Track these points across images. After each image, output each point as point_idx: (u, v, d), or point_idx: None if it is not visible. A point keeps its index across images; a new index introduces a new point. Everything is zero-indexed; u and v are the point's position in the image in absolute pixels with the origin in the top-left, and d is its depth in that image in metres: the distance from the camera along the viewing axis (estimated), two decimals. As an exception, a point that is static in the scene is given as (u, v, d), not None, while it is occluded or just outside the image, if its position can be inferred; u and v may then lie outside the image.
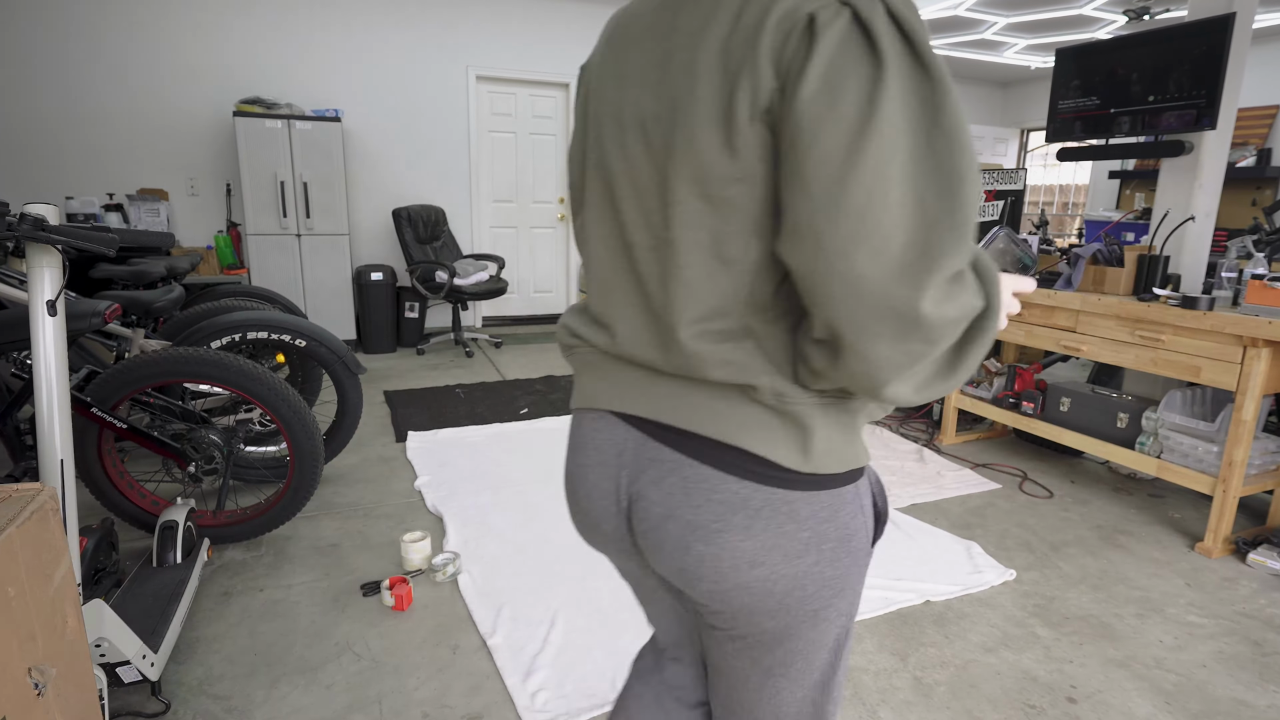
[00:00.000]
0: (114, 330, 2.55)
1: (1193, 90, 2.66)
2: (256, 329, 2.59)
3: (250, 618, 1.97)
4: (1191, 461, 2.55)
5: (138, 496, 2.24)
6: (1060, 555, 2.43)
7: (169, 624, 1.67)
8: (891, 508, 2.73)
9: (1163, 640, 1.96)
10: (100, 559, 1.85)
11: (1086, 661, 1.86)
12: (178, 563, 1.93)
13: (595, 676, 1.73)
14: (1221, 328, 2.32)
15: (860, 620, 2.00)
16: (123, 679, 1.49)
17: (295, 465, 2.27)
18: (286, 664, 1.78)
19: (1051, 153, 7.43)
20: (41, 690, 0.92)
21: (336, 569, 2.23)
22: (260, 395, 2.16)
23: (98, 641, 1.40)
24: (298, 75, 5.24)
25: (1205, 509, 2.81)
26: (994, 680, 1.77)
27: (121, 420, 2.07)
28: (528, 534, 2.45)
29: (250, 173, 4.78)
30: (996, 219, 3.90)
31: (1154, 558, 2.44)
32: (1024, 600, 2.14)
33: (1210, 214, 2.90)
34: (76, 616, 1.07)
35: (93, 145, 4.84)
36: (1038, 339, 3.00)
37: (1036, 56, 6.51)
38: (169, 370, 2.09)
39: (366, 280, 5.21)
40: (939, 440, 3.55)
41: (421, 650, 1.84)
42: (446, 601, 2.06)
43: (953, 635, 1.95)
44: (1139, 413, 2.77)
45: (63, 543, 1.04)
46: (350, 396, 2.81)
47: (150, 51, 4.85)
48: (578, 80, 0.82)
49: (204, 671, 1.74)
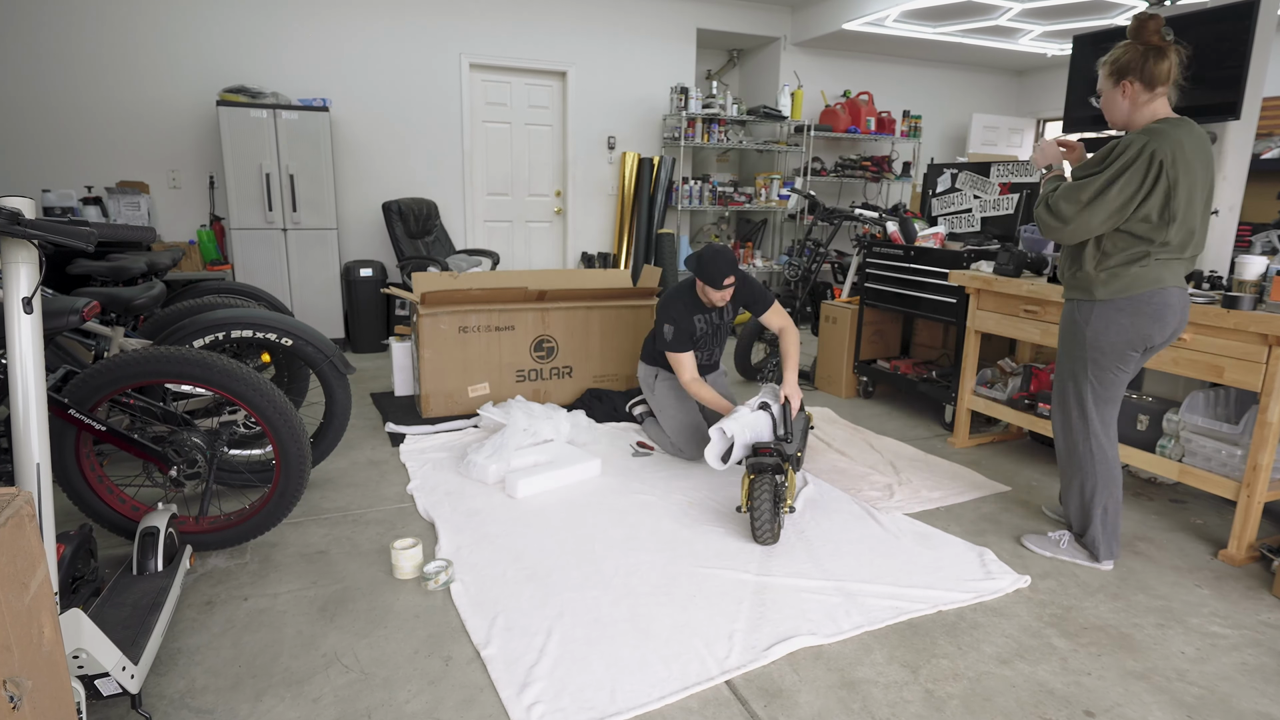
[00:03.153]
0: (92, 329, 2.55)
1: (1216, 79, 2.66)
2: (241, 327, 2.59)
3: (234, 628, 1.97)
4: (1214, 465, 2.55)
5: (117, 501, 2.23)
6: (1077, 563, 2.43)
7: (150, 634, 1.67)
8: (901, 513, 2.73)
9: (1184, 651, 1.96)
10: (78, 567, 1.85)
11: (1105, 673, 1.86)
12: (159, 571, 1.93)
13: (593, 689, 1.73)
14: (1246, 326, 2.32)
15: (869, 631, 2.00)
16: (102, 691, 1.49)
17: (281, 469, 2.26)
18: (272, 676, 1.78)
19: (1068, 144, 7.42)
20: (17, 703, 0.92)
21: (324, 577, 2.23)
22: (245, 396, 2.16)
23: (75, 653, 1.40)
24: (284, 63, 5.24)
25: (1229, 515, 2.81)
26: (1009, 693, 1.77)
27: (100, 422, 2.07)
28: (523, 541, 2.45)
29: (234, 165, 4.78)
30: (1012, 211, 3.89)
31: (1175, 565, 2.43)
32: (1040, 610, 2.14)
33: (1234, 208, 2.90)
34: (53, 627, 1.07)
35: (70, 136, 4.84)
36: (1054, 338, 2.99)
37: (1053, 44, 6.51)
38: (150, 370, 2.09)
39: (355, 276, 5.21)
40: (951, 442, 3.54)
41: (413, 662, 1.84)
42: (439, 611, 2.06)
43: (966, 646, 1.95)
44: (1160, 414, 2.77)
45: (39, 550, 1.04)
46: (338, 397, 2.81)
47: (130, 38, 4.85)
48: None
49: (186, 684, 1.74)
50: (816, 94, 6.88)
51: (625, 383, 4.12)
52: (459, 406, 3.75)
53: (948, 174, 4.22)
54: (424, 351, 3.63)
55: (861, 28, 6.00)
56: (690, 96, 6.16)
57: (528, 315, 3.83)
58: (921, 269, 3.81)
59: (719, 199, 6.48)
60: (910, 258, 3.90)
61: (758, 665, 1.83)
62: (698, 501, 2.79)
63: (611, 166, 6.40)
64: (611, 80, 6.23)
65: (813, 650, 1.90)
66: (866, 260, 4.21)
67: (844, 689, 1.77)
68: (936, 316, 3.75)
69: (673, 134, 6.30)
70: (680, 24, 6.34)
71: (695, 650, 1.88)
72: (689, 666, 1.82)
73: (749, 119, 6.38)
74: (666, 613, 2.05)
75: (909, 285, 3.90)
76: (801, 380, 4.71)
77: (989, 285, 3.22)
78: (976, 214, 4.09)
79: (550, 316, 3.89)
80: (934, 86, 7.47)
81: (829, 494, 2.89)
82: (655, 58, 6.34)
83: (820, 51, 6.86)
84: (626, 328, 4.07)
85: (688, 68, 6.46)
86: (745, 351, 4.53)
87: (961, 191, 4.15)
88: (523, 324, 3.83)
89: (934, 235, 3.96)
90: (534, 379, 3.91)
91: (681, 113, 6.16)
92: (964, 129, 7.54)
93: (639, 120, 6.42)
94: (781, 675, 1.80)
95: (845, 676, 1.81)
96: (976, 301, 3.34)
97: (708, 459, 2.68)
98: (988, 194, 4.02)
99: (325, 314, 5.24)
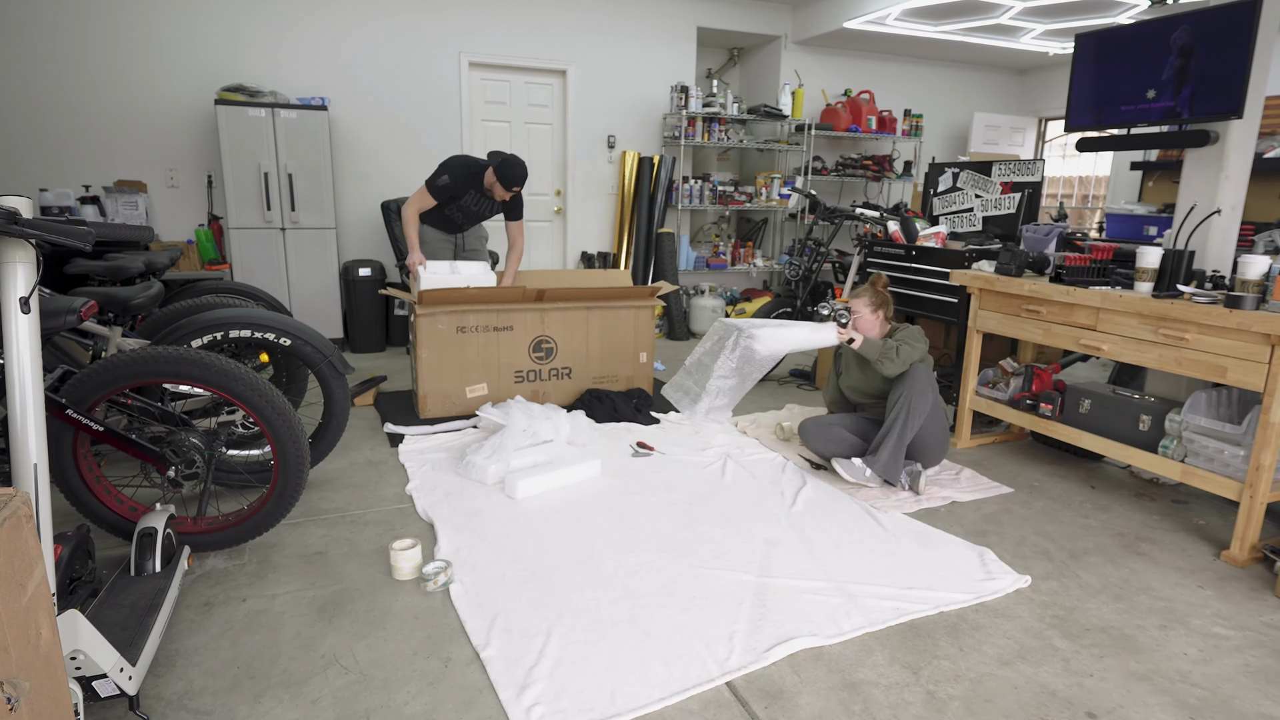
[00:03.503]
0: (90, 328, 2.56)
1: (1218, 77, 2.66)
2: (239, 327, 2.59)
3: (233, 629, 1.97)
4: (1217, 466, 2.55)
5: (115, 502, 2.24)
6: (1080, 564, 2.43)
7: (147, 636, 1.67)
8: (901, 513, 2.73)
9: (1187, 653, 1.96)
10: (76, 567, 1.85)
11: (1107, 675, 1.86)
12: (157, 571, 1.93)
13: (594, 690, 1.73)
14: (1249, 326, 2.32)
15: (870, 632, 2.00)
16: (99, 693, 1.49)
17: (279, 469, 2.27)
18: (270, 677, 1.78)
19: (1070, 143, 7.44)
20: (14, 705, 0.92)
21: (323, 578, 2.23)
22: (243, 396, 2.16)
23: (73, 654, 1.40)
24: (282, 62, 5.24)
25: (1231, 515, 2.81)
26: (1010, 695, 1.77)
27: (98, 422, 2.08)
28: (523, 542, 2.45)
29: (233, 164, 4.78)
30: (1014, 211, 3.90)
31: (1178, 566, 2.44)
32: (1042, 611, 2.14)
33: (1237, 207, 2.90)
34: (51, 628, 1.07)
35: (68, 135, 4.84)
36: (1056, 338, 3.00)
37: (1055, 42, 6.51)
38: (147, 370, 2.09)
39: (354, 276, 5.21)
40: (953, 443, 3.55)
41: (412, 663, 1.84)
42: (438, 612, 2.06)
43: (967, 648, 1.95)
44: (1162, 415, 2.77)
45: (36, 550, 1.04)
46: (337, 397, 2.81)
47: (128, 37, 4.85)
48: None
49: (184, 685, 1.74)
50: (817, 93, 6.88)
51: (624, 384, 4.12)
52: (457, 407, 3.75)
53: (949, 173, 4.22)
54: (421, 352, 3.64)
55: (862, 26, 6.00)
56: (690, 95, 6.16)
57: (526, 316, 3.83)
58: (923, 269, 3.81)
59: (719, 198, 6.49)
60: (911, 257, 3.90)
61: (758, 666, 1.83)
62: (698, 502, 2.79)
63: (611, 166, 6.40)
64: (612, 79, 6.23)
65: (813, 651, 1.91)
66: (867, 260, 4.21)
67: (845, 690, 1.77)
68: (938, 316, 3.75)
69: (673, 133, 6.30)
70: (680, 22, 6.35)
71: (695, 651, 1.88)
72: (689, 668, 1.82)
73: (749, 118, 6.38)
74: (667, 614, 2.05)
75: (910, 285, 3.90)
76: (803, 380, 4.72)
77: (991, 285, 3.23)
78: (978, 213, 4.09)
79: (549, 317, 3.89)
80: (935, 85, 7.47)
81: (829, 494, 2.89)
82: (655, 56, 6.34)
83: (821, 50, 6.86)
84: (626, 329, 4.07)
85: (688, 66, 6.46)
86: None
87: (963, 191, 4.15)
88: (521, 324, 3.83)
89: (935, 235, 3.96)
90: (533, 380, 3.91)
91: (682, 111, 6.16)
92: (965, 128, 7.54)
93: (639, 119, 6.42)
94: (782, 677, 1.81)
95: (846, 678, 1.81)
96: (978, 301, 3.34)
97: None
98: (989, 193, 4.02)
99: (324, 314, 5.24)
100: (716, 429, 3.65)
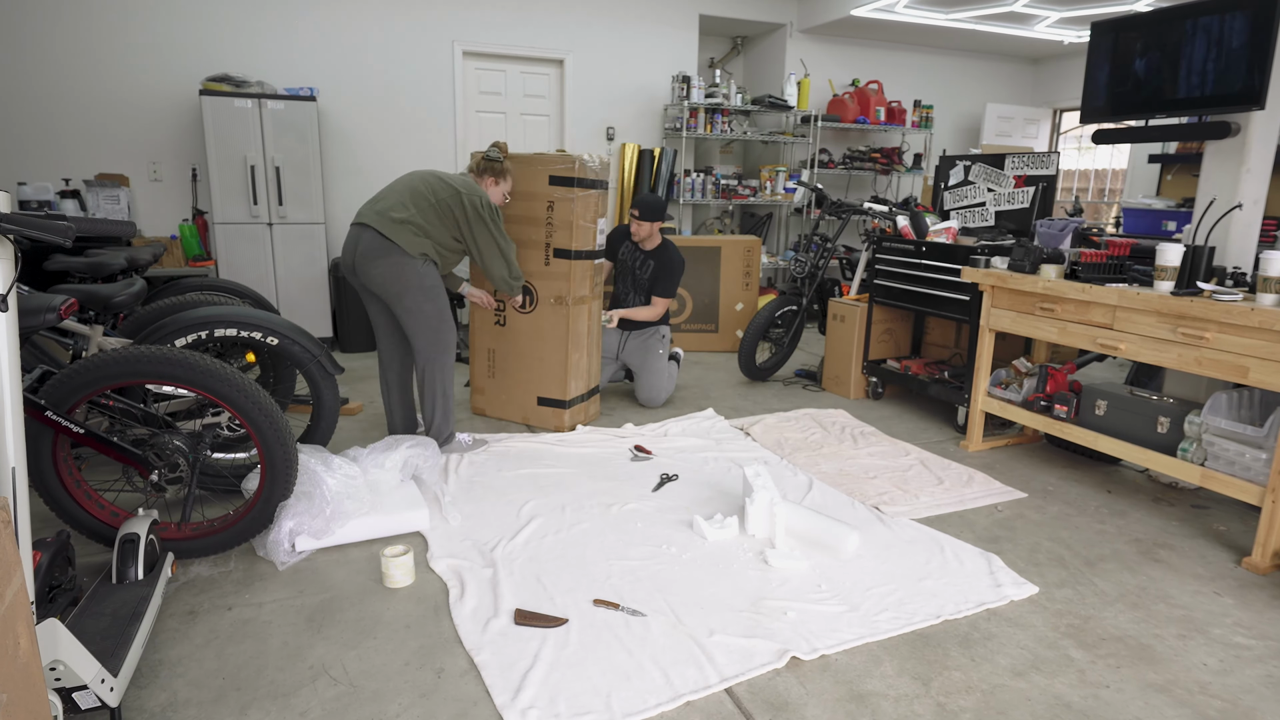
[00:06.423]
0: (70, 327, 2.56)
1: (1240, 66, 2.66)
2: (225, 325, 2.59)
3: (218, 638, 1.97)
4: (1238, 469, 2.55)
5: (96, 507, 2.24)
6: (1096, 571, 2.43)
7: (130, 645, 1.67)
8: (909, 518, 2.73)
9: (1207, 663, 1.96)
10: (55, 575, 1.85)
11: (1124, 686, 1.86)
12: (139, 579, 1.93)
13: (589, 694, 1.73)
14: (1271, 324, 2.32)
15: (878, 641, 2.00)
16: (80, 705, 1.49)
17: (266, 473, 2.27)
18: (257, 689, 1.78)
19: (1086, 135, 7.44)
20: (-9, 717, 0.92)
21: (311, 586, 2.23)
22: (229, 397, 2.16)
23: (52, 664, 1.40)
24: (269, 51, 5.24)
25: (1253, 521, 2.81)
26: (1024, 706, 1.77)
27: (78, 424, 2.08)
28: (515, 546, 2.45)
29: (218, 156, 4.78)
30: (1028, 205, 3.89)
31: (1197, 574, 2.44)
32: (1056, 620, 2.14)
33: (1259, 201, 2.89)
34: (29, 637, 1.07)
35: (47, 127, 4.84)
36: (1072, 337, 3.00)
37: (1070, 30, 6.51)
38: (130, 371, 2.09)
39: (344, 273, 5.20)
40: (964, 446, 3.55)
41: (403, 674, 1.84)
42: (430, 620, 2.06)
43: (979, 658, 1.95)
44: (1181, 417, 2.77)
45: (15, 557, 1.04)
46: (326, 398, 2.81)
47: (109, 25, 4.85)
48: None
49: (167, 697, 1.74)
50: (824, 83, 6.88)
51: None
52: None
53: (960, 166, 4.22)
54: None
55: (870, 14, 6.00)
56: (692, 86, 6.16)
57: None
58: (933, 265, 3.81)
59: (722, 192, 6.48)
60: (921, 253, 3.90)
61: (760, 674, 1.83)
62: (694, 508, 2.79)
63: (610, 158, 6.41)
64: (610, 69, 6.23)
65: (819, 661, 1.91)
66: (876, 256, 4.21)
67: (853, 702, 1.77)
68: (949, 314, 3.75)
69: (674, 124, 6.30)
70: (682, 10, 6.35)
71: (693, 658, 1.88)
72: (687, 674, 1.82)
73: (753, 109, 6.38)
74: (663, 619, 2.05)
75: (920, 282, 3.90)
76: (808, 380, 4.72)
77: (1003, 282, 3.23)
78: (990, 208, 4.09)
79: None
80: (946, 75, 7.47)
81: (834, 498, 2.89)
82: (656, 45, 6.34)
83: (828, 39, 6.86)
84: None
85: (690, 56, 6.46)
86: (750, 351, 4.53)
87: (975, 184, 4.15)
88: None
89: (946, 230, 3.96)
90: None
91: (683, 102, 6.16)
92: (977, 119, 7.55)
93: (639, 110, 6.42)
94: (788, 688, 1.81)
95: (854, 689, 1.81)
96: (991, 299, 3.34)
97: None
98: (1002, 187, 4.02)
99: (312, 312, 5.24)
100: (721, 434, 3.65)
